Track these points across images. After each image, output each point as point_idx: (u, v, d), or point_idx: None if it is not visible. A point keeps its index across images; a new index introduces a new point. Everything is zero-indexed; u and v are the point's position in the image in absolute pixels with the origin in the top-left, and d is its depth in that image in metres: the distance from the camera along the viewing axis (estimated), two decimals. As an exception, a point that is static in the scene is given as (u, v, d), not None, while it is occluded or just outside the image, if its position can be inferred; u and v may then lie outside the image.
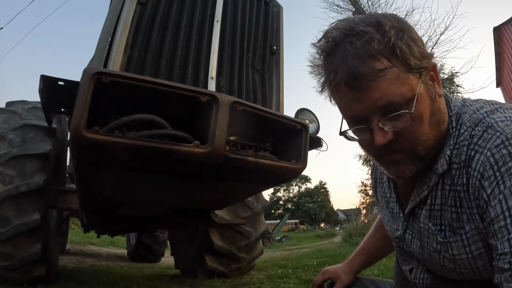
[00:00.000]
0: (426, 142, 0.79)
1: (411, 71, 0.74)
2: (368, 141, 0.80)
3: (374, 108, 0.75)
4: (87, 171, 1.92)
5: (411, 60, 0.74)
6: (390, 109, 0.74)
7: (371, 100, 0.74)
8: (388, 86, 0.72)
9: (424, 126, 0.77)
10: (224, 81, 2.10)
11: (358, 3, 12.17)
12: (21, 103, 3.70)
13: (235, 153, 1.83)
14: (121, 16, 1.94)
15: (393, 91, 0.72)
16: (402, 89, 0.73)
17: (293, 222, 49.49)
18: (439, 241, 0.84)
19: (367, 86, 0.73)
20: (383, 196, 1.09)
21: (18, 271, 2.99)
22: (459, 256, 0.81)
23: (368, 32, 0.72)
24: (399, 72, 0.73)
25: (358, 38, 0.73)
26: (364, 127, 0.78)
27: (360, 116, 0.78)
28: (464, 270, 0.83)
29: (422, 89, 0.76)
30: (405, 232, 0.98)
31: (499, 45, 14.14)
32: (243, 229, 4.17)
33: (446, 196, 0.82)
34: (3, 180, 2.93)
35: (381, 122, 0.75)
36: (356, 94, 0.75)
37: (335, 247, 10.86)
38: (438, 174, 0.83)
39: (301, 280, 4.13)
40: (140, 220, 3.61)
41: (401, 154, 0.80)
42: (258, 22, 2.45)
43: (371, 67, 0.71)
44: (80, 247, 9.72)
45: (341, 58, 0.74)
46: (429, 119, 0.78)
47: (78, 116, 1.46)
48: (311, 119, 2.53)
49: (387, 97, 0.73)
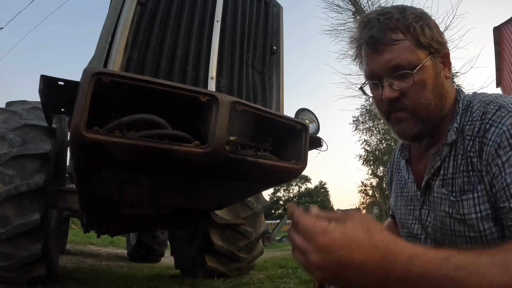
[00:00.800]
0: (427, 107, 0.93)
1: (421, 47, 0.93)
2: (380, 97, 0.97)
3: (386, 68, 0.93)
4: (87, 171, 1.92)
5: (422, 38, 0.92)
6: (397, 70, 0.92)
7: (384, 61, 0.93)
8: (399, 53, 0.91)
9: (426, 92, 0.93)
10: (224, 81, 2.10)
11: (358, 3, 12.17)
12: (21, 103, 3.71)
13: (235, 153, 1.83)
14: (121, 16, 1.94)
15: (402, 56, 0.91)
16: (410, 57, 0.91)
17: (293, 222, 49.43)
18: (452, 201, 0.90)
19: (382, 49, 0.93)
20: (399, 184, 1.18)
21: (18, 271, 2.99)
22: (469, 216, 0.86)
23: (392, 13, 0.94)
24: (410, 45, 0.92)
25: (384, 16, 0.95)
26: (377, 83, 0.97)
27: (375, 74, 0.96)
28: (472, 234, 0.87)
29: (428, 63, 0.93)
30: (422, 208, 1.04)
31: (499, 45, 14.14)
32: (243, 229, 4.17)
33: (458, 164, 0.91)
34: (3, 180, 2.93)
35: (389, 80, 0.93)
36: (374, 55, 0.95)
37: (335, 247, 10.85)
38: (449, 145, 0.94)
39: (301, 280, 4.14)
40: (140, 220, 3.61)
41: (405, 113, 0.95)
42: (258, 22, 2.45)
43: (388, 36, 0.92)
44: (80, 247, 9.72)
45: (368, 28, 0.96)
46: (431, 88, 0.93)
47: (78, 116, 1.46)
48: (311, 119, 2.53)
49: (396, 60, 0.91)
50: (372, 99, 1.03)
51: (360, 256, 0.58)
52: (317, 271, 0.61)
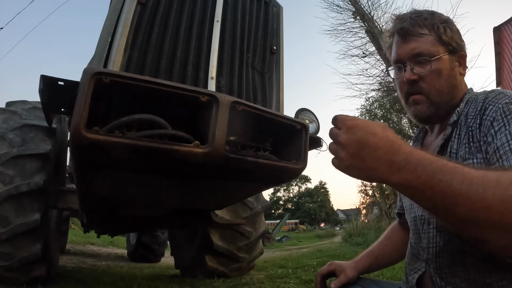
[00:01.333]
0: (440, 93, 1.10)
1: (442, 44, 1.11)
2: (402, 79, 1.13)
3: (410, 54, 1.11)
4: (87, 171, 1.92)
5: (443, 36, 1.11)
6: (419, 57, 1.10)
7: (410, 48, 1.12)
8: (422, 43, 1.10)
9: (441, 80, 1.09)
10: (224, 81, 2.09)
11: (358, 3, 12.16)
12: (21, 103, 3.71)
13: (235, 153, 1.83)
14: (121, 16, 1.94)
15: (424, 47, 1.10)
16: (430, 48, 1.10)
17: (293, 222, 49.46)
18: None
19: (409, 39, 1.12)
20: None
21: (18, 271, 2.99)
22: None
23: (422, 13, 1.15)
24: (432, 39, 1.10)
25: (415, 14, 1.16)
26: (401, 67, 1.14)
27: (401, 59, 1.14)
28: None
29: (445, 57, 1.10)
30: None
31: (499, 45, 14.12)
32: (243, 229, 4.17)
33: (462, 139, 1.02)
34: (3, 180, 2.93)
35: (411, 64, 1.11)
36: (402, 43, 1.14)
37: (335, 247, 10.88)
38: (451, 125, 1.07)
39: (301, 280, 4.14)
40: (140, 220, 3.61)
41: (421, 96, 1.11)
42: (258, 22, 2.45)
43: (416, 29, 1.12)
44: (80, 247, 9.72)
45: (401, 22, 1.16)
46: (445, 78, 1.10)
47: (78, 116, 1.46)
48: (311, 119, 2.53)
49: (419, 49, 1.10)
50: (395, 82, 1.21)
51: (374, 140, 0.73)
52: (342, 151, 0.76)
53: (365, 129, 0.74)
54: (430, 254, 1.05)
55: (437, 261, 1.02)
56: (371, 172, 0.73)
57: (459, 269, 0.96)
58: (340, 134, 0.77)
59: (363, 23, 12.14)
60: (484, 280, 0.90)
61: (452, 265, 0.98)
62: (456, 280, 0.96)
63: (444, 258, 1.01)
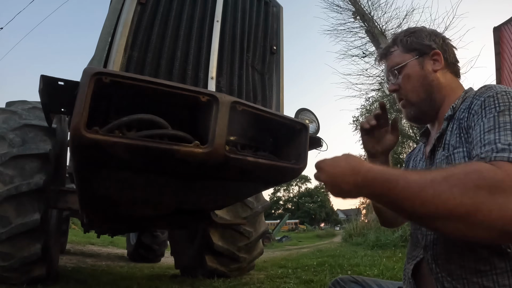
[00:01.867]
0: (416, 93, 1.24)
1: (409, 52, 1.27)
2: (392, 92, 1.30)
3: (387, 71, 1.32)
4: (87, 171, 1.92)
5: (409, 45, 1.27)
6: (391, 70, 1.29)
7: (388, 65, 1.32)
8: (392, 58, 1.30)
9: (412, 82, 1.24)
10: (224, 81, 2.10)
11: (358, 3, 12.16)
12: (21, 103, 3.71)
13: (235, 153, 1.83)
14: (121, 16, 1.94)
15: (394, 60, 1.29)
16: (397, 60, 1.28)
17: (293, 222, 49.47)
18: (446, 156, 1.08)
19: (386, 60, 1.34)
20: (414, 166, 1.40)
21: (18, 271, 2.99)
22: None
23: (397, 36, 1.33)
24: (400, 52, 1.29)
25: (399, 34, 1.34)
26: (386, 82, 1.35)
27: (387, 75, 1.34)
28: None
29: (413, 62, 1.25)
30: None
31: (499, 45, 14.11)
32: (243, 229, 4.17)
33: (453, 131, 1.10)
34: (3, 180, 2.93)
35: (390, 77, 1.31)
36: (386, 60, 1.34)
37: (335, 247, 10.87)
38: (446, 119, 1.14)
39: (301, 280, 4.14)
40: (140, 220, 3.61)
41: (404, 100, 1.27)
42: (258, 22, 2.45)
43: (386, 50, 1.34)
44: (80, 247, 9.73)
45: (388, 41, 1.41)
46: (416, 79, 1.23)
47: (78, 116, 1.46)
48: (311, 119, 2.53)
49: (390, 64, 1.30)
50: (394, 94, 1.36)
51: (340, 170, 0.93)
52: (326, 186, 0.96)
53: (331, 165, 0.96)
54: (427, 241, 1.08)
55: (434, 248, 1.05)
56: (348, 194, 0.94)
57: (454, 256, 0.98)
58: (320, 175, 0.98)
59: (363, 23, 12.14)
60: (479, 268, 0.92)
61: (448, 252, 1.00)
62: (452, 266, 0.98)
63: (441, 245, 1.03)
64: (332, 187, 0.95)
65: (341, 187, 0.93)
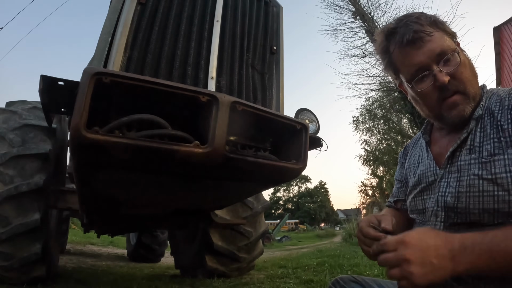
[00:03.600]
0: (474, 84, 1.06)
1: (448, 35, 1.08)
2: (431, 89, 1.06)
3: (433, 56, 1.04)
4: (87, 171, 1.92)
5: (447, 29, 1.09)
6: (443, 55, 1.04)
7: (430, 49, 1.04)
8: (439, 40, 1.05)
9: (468, 71, 1.06)
10: (224, 81, 2.10)
11: (358, 3, 12.17)
12: (21, 103, 3.71)
13: (235, 153, 1.83)
14: (121, 16, 1.94)
15: (443, 43, 1.05)
16: (448, 42, 1.06)
17: (293, 222, 49.46)
18: (483, 162, 0.98)
19: (423, 42, 1.04)
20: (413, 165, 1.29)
21: (18, 271, 2.99)
22: (500, 175, 0.94)
23: (415, 14, 1.09)
24: (442, 34, 1.07)
25: (408, 19, 1.08)
26: (426, 75, 1.05)
27: (423, 66, 1.05)
28: (501, 193, 0.94)
29: (459, 48, 1.07)
30: (441, 181, 1.10)
31: (499, 45, 14.10)
32: (243, 229, 4.17)
33: (487, 133, 1.01)
34: (3, 180, 2.93)
35: (440, 66, 1.03)
36: (416, 50, 1.05)
37: (335, 247, 10.87)
38: (475, 119, 1.04)
39: (301, 280, 4.13)
40: (140, 220, 3.61)
41: (458, 95, 1.05)
42: (258, 22, 2.45)
43: (425, 29, 1.05)
44: (80, 247, 9.72)
45: (403, 26, 1.07)
46: (469, 68, 1.07)
47: (78, 116, 1.46)
48: (311, 119, 2.53)
49: (440, 47, 1.04)
50: (416, 96, 1.12)
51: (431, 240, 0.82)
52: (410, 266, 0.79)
53: (418, 236, 0.83)
54: None
55: None
56: (441, 271, 0.80)
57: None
58: (401, 252, 0.81)
59: (363, 23, 12.15)
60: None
61: None
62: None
63: None
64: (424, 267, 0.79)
65: (432, 262, 0.79)
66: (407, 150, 1.39)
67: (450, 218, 1.04)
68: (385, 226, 1.06)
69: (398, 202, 1.39)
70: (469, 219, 1.00)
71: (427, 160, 1.19)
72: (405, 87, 1.16)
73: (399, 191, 1.39)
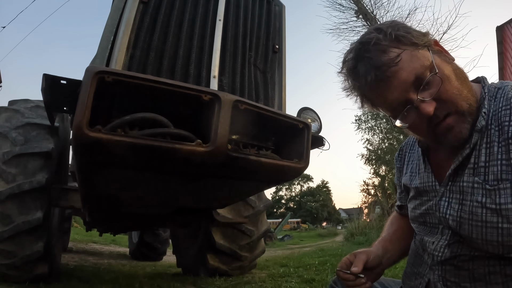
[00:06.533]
0: (463, 97, 0.90)
1: (419, 47, 0.90)
2: (419, 121, 0.91)
3: (407, 87, 0.88)
4: (90, 169, 1.92)
5: (414, 39, 0.90)
6: (419, 81, 0.87)
7: (402, 81, 0.88)
8: (409, 64, 0.87)
9: (454, 82, 0.90)
10: (226, 80, 2.10)
11: (360, 2, 12.13)
12: (23, 101, 3.71)
13: (237, 152, 1.83)
14: (123, 15, 1.94)
15: (414, 66, 0.87)
16: (419, 62, 0.88)
17: (295, 221, 49.46)
18: (487, 189, 0.87)
19: (393, 72, 0.87)
20: (410, 173, 1.17)
21: (20, 269, 3.00)
22: (505, 206, 0.84)
23: (372, 37, 0.90)
24: (410, 52, 0.88)
25: (368, 45, 0.90)
26: (410, 107, 0.90)
27: (400, 102, 0.91)
28: (506, 225, 0.84)
29: (436, 57, 0.91)
30: (441, 200, 1.00)
31: (502, 44, 14.05)
32: (245, 228, 4.17)
33: (494, 152, 0.88)
34: (6, 178, 2.94)
35: (420, 95, 0.88)
36: (387, 85, 0.89)
37: (337, 246, 10.87)
38: (478, 132, 0.91)
39: (303, 279, 4.13)
40: (142, 218, 3.62)
41: (451, 117, 0.90)
42: (260, 21, 2.44)
43: (388, 57, 0.87)
44: (82, 245, 9.74)
45: (364, 64, 0.91)
46: (455, 77, 0.91)
47: (80, 115, 1.47)
48: (313, 118, 2.53)
49: (412, 73, 0.87)
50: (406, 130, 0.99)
51: None
52: None
53: None
54: (434, 261, 1.00)
55: (442, 269, 0.99)
56: None
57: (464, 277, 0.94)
58: None
59: (366, 22, 12.11)
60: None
61: (457, 274, 0.95)
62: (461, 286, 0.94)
63: (450, 266, 0.98)
64: None
65: None
66: (403, 153, 1.28)
67: (456, 237, 0.96)
68: (354, 269, 1.02)
69: (402, 207, 1.33)
70: (474, 247, 0.92)
71: (425, 173, 1.08)
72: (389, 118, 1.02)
73: (401, 196, 1.32)
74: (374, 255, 1.10)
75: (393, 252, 1.21)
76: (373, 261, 1.09)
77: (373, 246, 1.21)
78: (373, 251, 1.13)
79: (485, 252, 0.90)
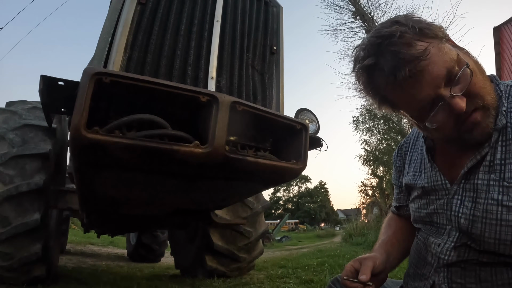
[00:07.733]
0: (488, 91, 0.88)
1: (443, 40, 0.86)
2: (446, 119, 0.86)
3: (439, 82, 0.83)
4: (87, 171, 1.92)
5: (437, 31, 0.86)
6: (450, 75, 0.83)
7: (434, 77, 0.82)
8: (438, 57, 0.82)
9: (479, 76, 0.87)
10: (224, 81, 2.10)
11: (358, 3, 12.16)
12: (21, 103, 3.70)
13: (235, 153, 1.83)
14: (121, 16, 1.94)
15: (444, 59, 0.83)
16: (448, 55, 0.84)
17: (293, 222, 49.43)
18: (505, 186, 0.85)
19: (424, 66, 0.81)
20: (413, 173, 1.13)
21: (18, 271, 2.99)
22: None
23: (395, 30, 0.83)
24: (437, 45, 0.84)
25: (392, 38, 0.83)
26: (442, 104, 0.84)
27: (431, 99, 0.85)
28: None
29: (457, 50, 0.88)
30: (453, 198, 0.97)
31: (499, 45, 14.10)
32: (243, 229, 4.17)
33: (509, 147, 0.86)
34: (3, 180, 2.93)
35: (453, 90, 0.82)
36: (419, 80, 0.82)
37: (335, 247, 10.86)
38: (498, 130, 0.88)
39: (301, 280, 4.13)
40: (140, 220, 3.61)
41: (478, 112, 0.86)
42: (258, 22, 2.45)
43: (417, 50, 0.81)
44: (80, 247, 9.72)
45: (389, 59, 0.83)
46: (478, 71, 0.88)
47: (78, 116, 1.47)
48: (311, 119, 2.53)
49: (444, 67, 0.82)
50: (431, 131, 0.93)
51: None
52: None
53: None
54: (440, 264, 0.98)
55: (448, 271, 0.97)
56: None
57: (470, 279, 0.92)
58: None
59: (363, 23, 12.14)
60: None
61: (464, 276, 0.94)
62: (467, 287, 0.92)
63: (456, 268, 0.96)
64: None
65: None
66: (403, 152, 1.24)
67: (463, 240, 0.94)
68: (362, 278, 0.96)
69: (400, 208, 1.30)
70: (483, 247, 0.90)
71: (432, 172, 1.05)
72: (410, 119, 0.97)
73: (399, 196, 1.29)
74: (380, 261, 1.07)
75: (395, 255, 1.19)
76: (379, 267, 1.06)
77: (374, 250, 1.18)
78: (378, 256, 1.10)
79: (493, 257, 0.89)
